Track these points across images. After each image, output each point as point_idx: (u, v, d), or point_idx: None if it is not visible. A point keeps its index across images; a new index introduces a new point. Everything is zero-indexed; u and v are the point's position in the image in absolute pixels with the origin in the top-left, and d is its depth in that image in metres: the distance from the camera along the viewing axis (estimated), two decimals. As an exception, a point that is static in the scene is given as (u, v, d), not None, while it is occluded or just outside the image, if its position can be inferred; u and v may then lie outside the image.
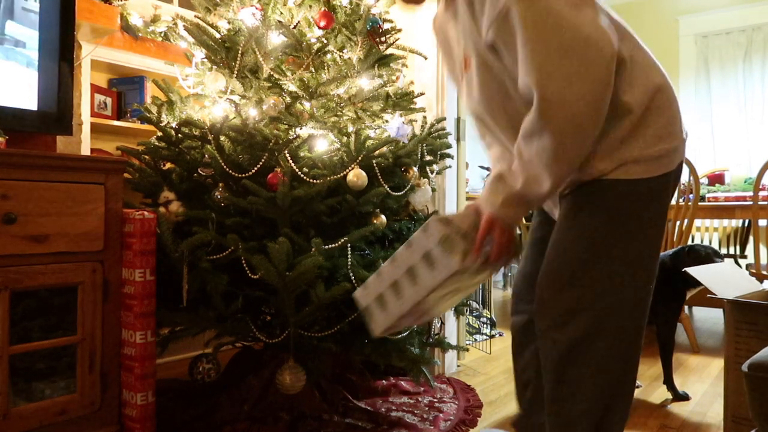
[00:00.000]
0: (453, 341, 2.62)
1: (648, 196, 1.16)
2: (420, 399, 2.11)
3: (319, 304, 1.66)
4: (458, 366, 2.63)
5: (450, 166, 2.54)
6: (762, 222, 4.49)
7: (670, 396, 2.21)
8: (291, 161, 1.74)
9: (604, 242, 1.15)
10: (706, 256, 2.16)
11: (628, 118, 1.12)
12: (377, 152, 1.83)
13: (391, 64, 2.02)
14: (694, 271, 1.98)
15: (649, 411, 2.08)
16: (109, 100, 2.48)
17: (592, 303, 1.15)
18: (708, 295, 1.89)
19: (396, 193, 1.89)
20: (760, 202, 2.94)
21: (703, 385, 2.38)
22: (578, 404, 1.17)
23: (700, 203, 3.23)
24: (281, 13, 1.93)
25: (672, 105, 1.16)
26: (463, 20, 1.17)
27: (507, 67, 1.13)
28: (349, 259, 1.74)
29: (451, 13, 1.25)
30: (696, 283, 2.08)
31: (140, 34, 2.40)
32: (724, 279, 1.94)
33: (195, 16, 2.01)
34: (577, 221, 1.19)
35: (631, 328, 1.17)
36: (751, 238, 4.13)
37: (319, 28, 1.90)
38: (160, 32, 2.47)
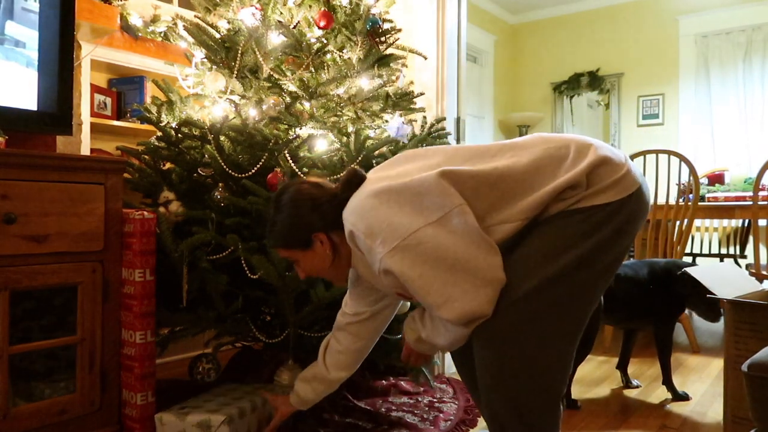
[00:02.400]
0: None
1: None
2: (420, 399, 2.11)
3: (318, 304, 1.66)
4: (458, 366, 2.63)
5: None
6: (762, 222, 4.49)
7: (669, 396, 2.21)
8: (291, 161, 1.74)
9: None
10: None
11: (578, 189, 1.16)
12: (377, 152, 1.83)
13: (391, 64, 2.01)
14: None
15: (649, 411, 2.08)
16: (109, 100, 2.48)
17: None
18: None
19: (396, 193, 1.88)
20: (760, 202, 2.94)
21: (703, 385, 2.38)
22: None
23: (700, 203, 3.23)
24: (281, 13, 1.93)
25: (610, 162, 1.18)
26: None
27: None
28: (349, 259, 1.73)
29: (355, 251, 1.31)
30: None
31: (140, 34, 2.40)
32: (724, 279, 1.94)
33: (195, 16, 2.01)
34: None
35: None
36: (750, 238, 4.13)
37: (319, 28, 1.90)
38: (160, 32, 2.46)
